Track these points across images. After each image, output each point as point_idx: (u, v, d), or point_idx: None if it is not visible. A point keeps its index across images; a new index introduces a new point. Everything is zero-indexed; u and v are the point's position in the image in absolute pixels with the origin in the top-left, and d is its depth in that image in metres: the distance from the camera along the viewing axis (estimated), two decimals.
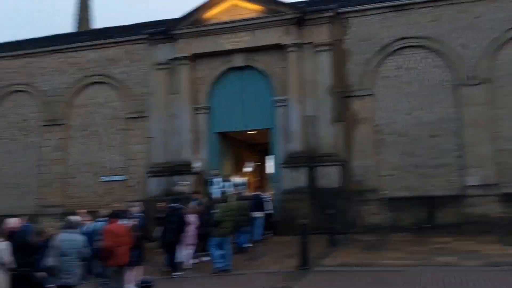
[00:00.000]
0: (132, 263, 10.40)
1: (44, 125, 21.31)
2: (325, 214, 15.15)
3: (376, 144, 17.60)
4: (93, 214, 12.05)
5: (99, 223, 10.55)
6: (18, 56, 22.28)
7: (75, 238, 8.41)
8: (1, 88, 22.32)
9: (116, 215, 9.94)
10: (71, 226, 8.55)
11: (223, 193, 14.81)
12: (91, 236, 9.74)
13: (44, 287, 8.54)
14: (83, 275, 8.51)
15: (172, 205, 13.19)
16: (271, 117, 18.59)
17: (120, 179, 19.89)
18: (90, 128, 20.91)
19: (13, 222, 9.67)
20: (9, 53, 22.34)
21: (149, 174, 19.36)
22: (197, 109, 19.44)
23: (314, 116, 17.98)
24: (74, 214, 10.73)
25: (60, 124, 21.18)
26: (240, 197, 14.36)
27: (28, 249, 8.78)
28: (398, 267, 11.19)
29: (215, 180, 17.24)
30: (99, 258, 9.51)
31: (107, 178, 20.08)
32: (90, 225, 10.73)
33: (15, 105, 22.16)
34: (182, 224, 12.41)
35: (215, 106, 19.43)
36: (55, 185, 20.89)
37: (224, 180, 17.18)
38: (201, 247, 13.35)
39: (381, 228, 16.77)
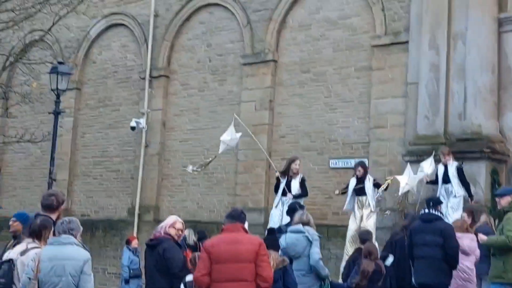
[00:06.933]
0: None
1: (245, 64, 20.49)
2: None
3: None
4: None
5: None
6: None
7: None
8: (186, 3, 21.91)
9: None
10: None
11: None
12: None
13: None
14: None
15: None
16: None
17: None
18: (312, 68, 19.32)
19: None
20: None
21: (406, 158, 16.77)
22: (504, 21, 16.76)
23: None
24: None
25: (264, 62, 20.08)
26: None
27: None
28: None
29: None
30: None
31: (338, 163, 18.46)
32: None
33: (207, 29, 21.63)
34: None
35: None
36: (255, 171, 19.74)
37: None
38: None
39: None
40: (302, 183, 15.03)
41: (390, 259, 11.73)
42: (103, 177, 22.70)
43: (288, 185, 14.90)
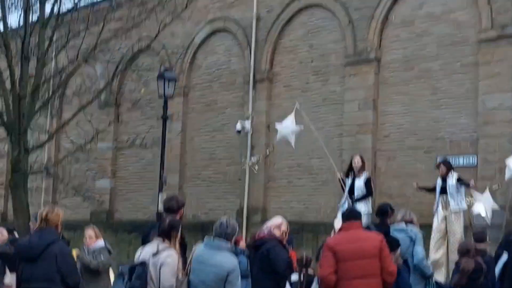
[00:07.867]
0: None
1: (347, 63, 20.23)
2: None
3: None
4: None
5: None
6: None
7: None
8: (287, 5, 21.85)
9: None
10: None
11: None
12: None
13: None
14: None
15: None
16: None
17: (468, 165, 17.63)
18: (416, 65, 18.95)
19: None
20: None
21: None
22: None
23: None
24: None
25: (367, 61, 19.74)
26: None
27: None
28: None
29: None
30: None
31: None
32: None
33: (309, 30, 21.46)
34: None
35: None
36: None
37: None
38: None
39: None
40: (368, 183, 14.45)
41: (504, 257, 11.38)
42: (212, 179, 22.81)
43: (353, 184, 14.44)
